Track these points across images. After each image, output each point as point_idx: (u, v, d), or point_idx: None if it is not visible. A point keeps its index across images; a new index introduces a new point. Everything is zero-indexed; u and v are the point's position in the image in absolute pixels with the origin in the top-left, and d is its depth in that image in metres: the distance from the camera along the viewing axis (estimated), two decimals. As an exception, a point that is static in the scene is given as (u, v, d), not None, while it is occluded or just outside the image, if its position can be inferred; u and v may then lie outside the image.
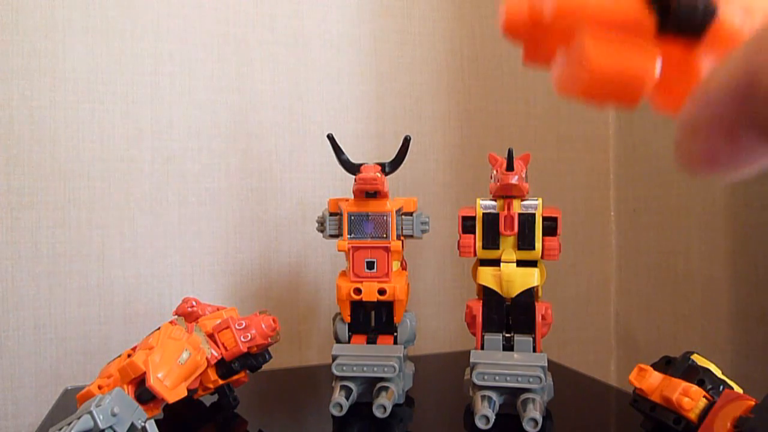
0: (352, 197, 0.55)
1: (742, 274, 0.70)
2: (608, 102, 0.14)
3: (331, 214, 0.56)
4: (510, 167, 0.51)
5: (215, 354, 0.50)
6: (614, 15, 0.14)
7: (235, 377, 0.52)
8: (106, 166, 0.68)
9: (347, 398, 0.51)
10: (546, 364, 0.50)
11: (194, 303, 0.55)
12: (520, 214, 0.52)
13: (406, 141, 0.55)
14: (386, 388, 0.52)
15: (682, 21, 0.14)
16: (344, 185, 0.64)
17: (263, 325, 0.51)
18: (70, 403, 0.53)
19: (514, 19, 0.15)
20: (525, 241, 0.52)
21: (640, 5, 0.14)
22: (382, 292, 0.53)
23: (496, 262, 0.52)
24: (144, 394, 0.44)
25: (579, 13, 0.14)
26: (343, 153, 0.55)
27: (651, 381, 0.46)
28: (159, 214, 0.70)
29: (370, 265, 0.54)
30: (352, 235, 0.54)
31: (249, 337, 0.50)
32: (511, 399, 0.50)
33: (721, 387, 0.43)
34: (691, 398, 0.42)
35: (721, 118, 0.13)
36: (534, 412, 0.47)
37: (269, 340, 0.52)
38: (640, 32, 0.14)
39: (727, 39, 0.14)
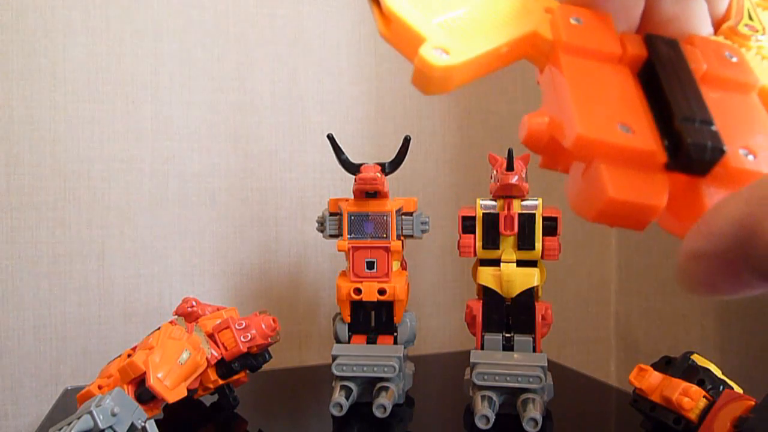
0: (352, 197, 0.55)
1: (742, 274, 0.70)
2: (619, 225, 0.16)
3: (331, 214, 0.56)
4: (510, 167, 0.51)
5: (215, 354, 0.50)
6: (629, 151, 0.15)
7: (235, 377, 0.52)
8: (106, 166, 0.68)
9: (347, 398, 0.51)
10: (546, 364, 0.50)
11: (194, 303, 0.55)
12: (520, 214, 0.52)
13: (406, 141, 0.55)
14: (386, 388, 0.52)
15: (691, 161, 0.15)
16: (344, 185, 0.64)
17: (263, 325, 0.51)
18: (70, 403, 0.53)
19: (534, 137, 0.17)
20: (525, 241, 0.52)
21: (654, 142, 0.15)
22: (382, 292, 0.53)
23: (496, 262, 0.52)
24: (144, 394, 0.44)
25: (597, 147, 0.15)
26: (343, 153, 0.55)
27: (651, 381, 0.46)
28: (159, 214, 0.70)
29: (370, 265, 0.54)
30: (352, 235, 0.54)
31: (249, 337, 0.50)
32: (511, 399, 0.50)
33: (721, 387, 0.43)
34: (691, 398, 0.42)
35: (722, 254, 0.14)
36: (534, 412, 0.47)
37: (269, 340, 0.52)
38: (652, 166, 0.15)
39: (732, 177, 0.15)
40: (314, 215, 0.59)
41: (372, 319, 0.56)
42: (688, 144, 0.15)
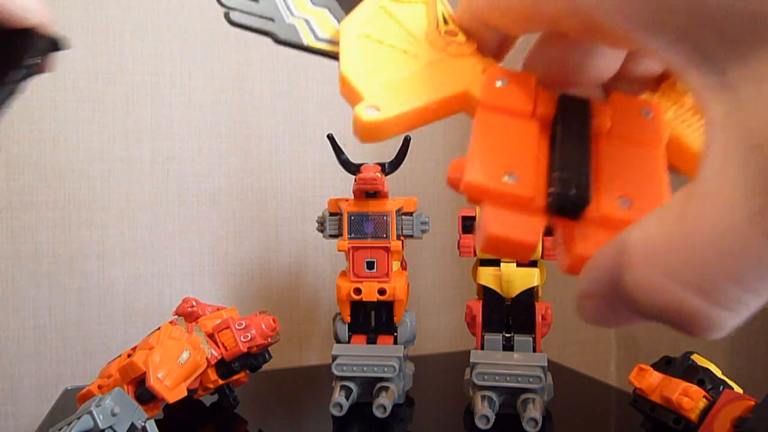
0: (352, 197, 0.55)
1: (742, 274, 0.70)
2: (504, 256, 0.19)
3: (331, 214, 0.56)
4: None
5: (215, 354, 0.50)
6: (509, 196, 0.18)
7: (235, 377, 0.52)
8: (106, 166, 0.68)
9: (347, 398, 0.51)
10: (546, 364, 0.50)
11: (194, 303, 0.55)
12: (520, 214, 0.52)
13: (406, 141, 0.55)
14: (386, 388, 0.52)
15: (559, 207, 0.17)
16: (344, 185, 0.64)
17: (263, 325, 0.51)
18: (70, 403, 0.53)
19: (451, 181, 0.19)
20: (525, 241, 0.52)
21: (534, 190, 0.18)
22: (382, 292, 0.53)
23: (496, 262, 0.52)
24: (144, 394, 0.44)
25: (482, 192, 0.18)
26: (343, 153, 0.55)
27: (651, 381, 0.46)
28: (159, 214, 0.70)
29: (370, 265, 0.54)
30: (352, 235, 0.54)
31: (249, 337, 0.50)
32: (511, 399, 0.50)
33: (721, 387, 0.43)
34: (691, 398, 0.42)
35: (603, 295, 0.16)
36: (534, 412, 0.47)
37: (269, 340, 0.52)
38: (531, 210, 0.18)
39: (605, 222, 0.17)
40: (314, 215, 0.59)
41: (372, 319, 0.56)
42: (552, 192, 0.17)
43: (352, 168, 0.55)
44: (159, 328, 0.49)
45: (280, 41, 0.23)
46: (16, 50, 0.27)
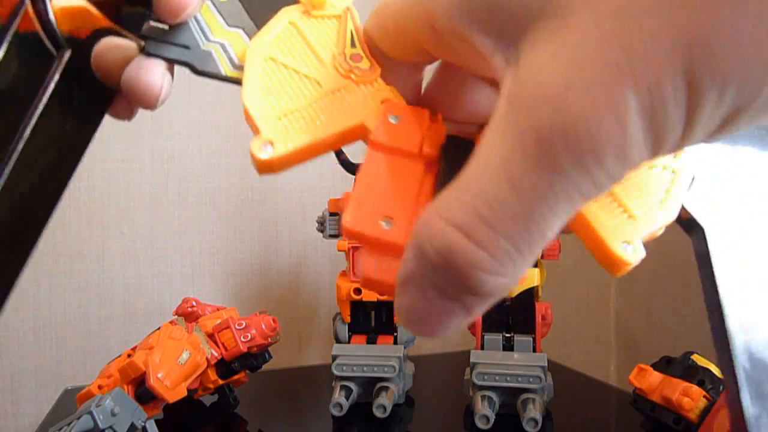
0: (352, 197, 0.55)
1: (742, 274, 0.70)
2: (382, 294, 0.19)
3: (331, 214, 0.56)
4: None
5: (215, 354, 0.50)
6: (383, 243, 0.18)
7: (235, 377, 0.52)
8: (106, 166, 0.68)
9: (347, 398, 0.51)
10: (546, 364, 0.50)
11: (194, 303, 0.55)
12: (520, 214, 0.52)
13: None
14: (386, 388, 0.52)
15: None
16: (344, 185, 0.64)
17: (263, 325, 0.51)
18: (70, 403, 0.53)
19: (341, 211, 0.21)
20: (525, 241, 0.52)
21: (407, 236, 0.18)
22: (382, 292, 0.53)
23: (496, 262, 0.52)
24: (144, 394, 0.44)
25: (359, 237, 0.18)
26: (343, 153, 0.55)
27: (651, 381, 0.46)
28: (159, 214, 0.70)
29: (370, 265, 0.54)
30: (352, 235, 0.54)
31: (249, 337, 0.50)
32: (511, 399, 0.50)
33: (721, 387, 0.43)
34: (691, 398, 0.42)
35: (416, 275, 0.16)
36: (534, 412, 0.47)
37: (269, 340, 0.52)
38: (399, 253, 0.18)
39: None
40: (314, 215, 0.59)
41: (372, 319, 0.56)
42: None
43: (352, 168, 0.55)
44: (159, 328, 0.49)
45: (198, 72, 0.23)
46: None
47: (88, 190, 0.68)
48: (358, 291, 0.54)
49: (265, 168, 0.20)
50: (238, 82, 0.22)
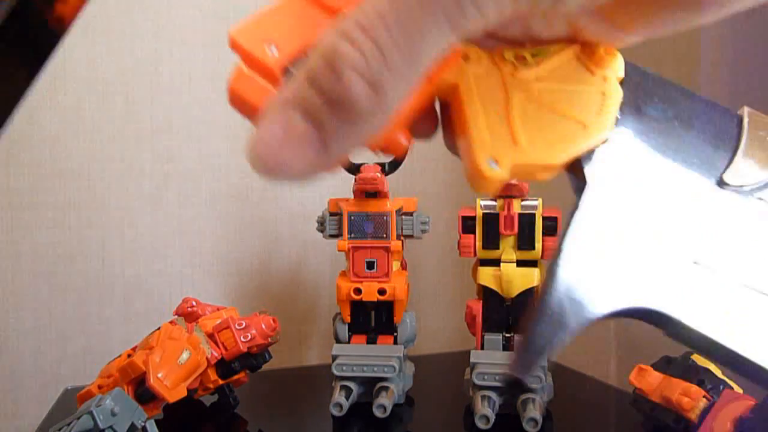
0: (352, 197, 0.55)
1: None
2: (245, 115, 0.20)
3: (331, 214, 0.56)
4: (510, 167, 0.51)
5: (215, 354, 0.50)
6: (255, 61, 0.19)
7: (235, 377, 0.52)
8: (106, 166, 0.68)
9: (347, 398, 0.51)
10: (546, 364, 0.50)
11: (194, 303, 0.55)
12: (520, 214, 0.52)
13: (406, 141, 0.54)
14: (386, 388, 0.52)
15: None
16: (344, 185, 0.64)
17: (263, 325, 0.51)
18: (70, 403, 0.53)
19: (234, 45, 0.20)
20: (525, 241, 0.52)
21: (277, 65, 0.19)
22: (382, 292, 0.53)
23: (496, 262, 0.52)
24: (144, 394, 0.44)
25: (240, 51, 0.19)
26: (343, 153, 0.55)
27: (651, 381, 0.46)
28: (159, 214, 0.70)
29: (370, 265, 0.54)
30: (352, 235, 0.54)
31: (249, 337, 0.50)
32: (511, 399, 0.50)
33: (721, 387, 0.43)
34: (691, 398, 0.42)
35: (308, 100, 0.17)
36: (534, 412, 0.47)
37: (269, 340, 0.52)
38: (272, 79, 0.19)
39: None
40: (314, 215, 0.59)
41: (372, 319, 0.56)
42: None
43: (352, 168, 0.55)
44: (159, 328, 0.49)
45: None
46: None
47: (88, 190, 0.68)
48: (358, 291, 0.54)
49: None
50: None
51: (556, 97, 0.21)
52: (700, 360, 0.46)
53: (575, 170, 0.21)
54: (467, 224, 0.53)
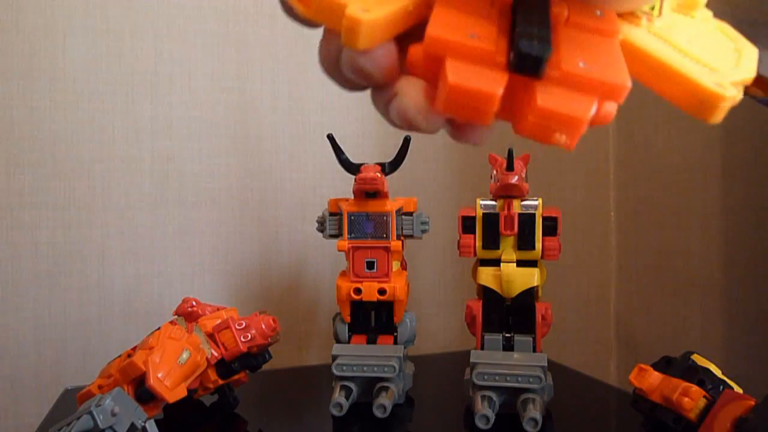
0: (352, 197, 0.55)
1: (741, 274, 0.70)
2: (464, 116, 0.18)
3: (331, 214, 0.56)
4: (510, 167, 0.51)
5: (215, 354, 0.50)
6: (471, 48, 0.18)
7: (235, 377, 0.52)
8: (106, 166, 0.68)
9: (347, 398, 0.51)
10: (546, 364, 0.50)
11: (194, 303, 0.55)
12: (520, 214, 0.52)
13: (406, 141, 0.55)
14: (386, 388, 0.52)
15: (521, 61, 0.18)
16: (344, 185, 0.64)
17: (263, 325, 0.51)
18: (70, 403, 0.53)
19: (410, 60, 0.19)
20: (525, 241, 0.52)
21: (495, 45, 0.18)
22: (382, 292, 0.53)
23: (496, 262, 0.52)
24: (144, 394, 0.44)
25: (443, 44, 0.18)
26: (343, 153, 0.55)
27: (651, 381, 0.46)
28: (159, 214, 0.70)
29: (370, 265, 0.54)
30: (352, 235, 0.54)
31: (249, 337, 0.50)
32: (511, 399, 0.50)
33: (721, 387, 0.43)
34: (691, 398, 0.42)
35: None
36: (534, 412, 0.47)
37: (269, 340, 0.52)
38: (493, 64, 0.18)
39: (565, 79, 0.18)
40: (314, 215, 0.59)
41: (372, 319, 0.56)
42: (515, 47, 0.18)
43: (352, 168, 0.55)
44: (159, 328, 0.49)
45: None
46: None
47: (89, 190, 0.68)
48: (358, 291, 0.54)
49: (368, 30, 0.19)
50: None
51: (699, 34, 0.22)
52: (700, 360, 0.46)
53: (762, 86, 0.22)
54: (467, 224, 0.53)
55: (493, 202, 0.53)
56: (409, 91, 0.20)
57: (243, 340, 0.50)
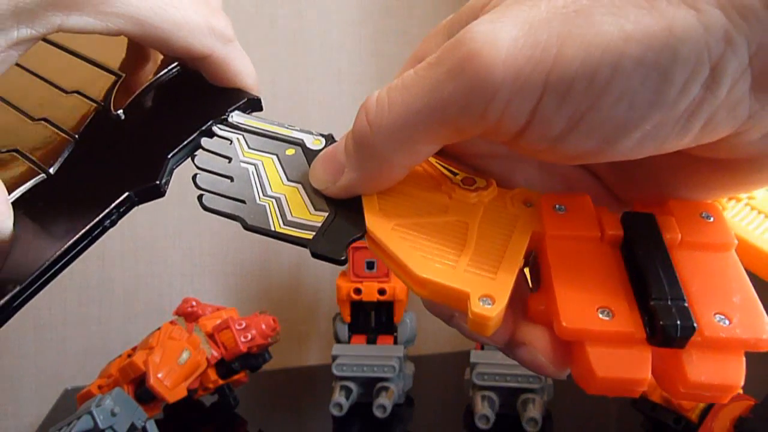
0: (352, 197, 0.55)
1: (742, 274, 0.70)
2: (615, 394, 0.17)
3: (331, 214, 0.56)
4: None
5: (215, 354, 0.50)
6: (611, 334, 0.17)
7: (235, 377, 0.52)
8: (106, 166, 0.68)
9: (347, 398, 0.51)
10: (546, 364, 0.50)
11: (194, 303, 0.55)
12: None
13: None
14: (386, 388, 0.52)
15: (667, 339, 0.17)
16: (344, 185, 0.64)
17: (263, 325, 0.51)
18: (70, 403, 0.53)
19: (533, 314, 0.19)
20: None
21: (633, 322, 0.17)
22: (382, 292, 0.53)
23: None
24: (144, 394, 0.44)
25: (581, 334, 0.17)
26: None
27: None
28: (159, 214, 0.70)
29: (370, 265, 0.54)
30: (352, 235, 0.54)
31: (249, 337, 0.50)
32: (511, 399, 0.50)
33: (721, 387, 0.43)
34: (691, 398, 0.42)
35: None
36: (534, 412, 0.47)
37: (269, 340, 0.52)
38: (634, 343, 0.17)
39: (709, 345, 0.17)
40: (314, 215, 0.59)
41: (372, 319, 0.56)
42: (661, 326, 0.17)
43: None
44: (159, 328, 0.49)
45: (248, 227, 0.22)
46: (223, 104, 0.28)
47: (88, 190, 0.68)
48: (358, 291, 0.54)
49: (495, 323, 0.18)
50: (285, 238, 0.21)
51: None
52: (700, 360, 0.46)
53: None
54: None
55: (493, 202, 0.53)
56: (539, 344, 0.19)
57: (243, 340, 0.50)
